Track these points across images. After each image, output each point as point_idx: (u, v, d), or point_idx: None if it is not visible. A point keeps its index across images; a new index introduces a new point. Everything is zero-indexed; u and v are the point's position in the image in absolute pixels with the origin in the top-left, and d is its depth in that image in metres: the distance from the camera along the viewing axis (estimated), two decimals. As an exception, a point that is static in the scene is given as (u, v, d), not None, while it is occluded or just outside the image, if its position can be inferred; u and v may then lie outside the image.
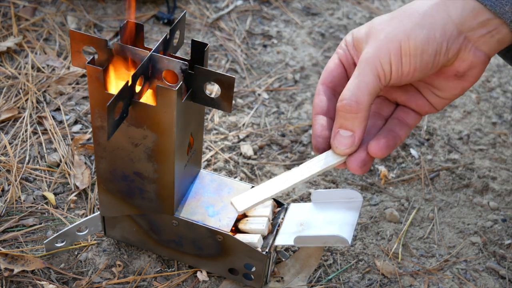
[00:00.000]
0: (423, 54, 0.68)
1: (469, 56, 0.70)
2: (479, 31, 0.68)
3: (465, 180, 1.05)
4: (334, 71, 0.75)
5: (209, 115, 1.12)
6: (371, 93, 0.68)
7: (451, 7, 0.68)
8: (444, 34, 0.68)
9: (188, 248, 0.85)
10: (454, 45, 0.68)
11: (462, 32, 0.68)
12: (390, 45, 0.68)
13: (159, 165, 0.75)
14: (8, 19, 1.25)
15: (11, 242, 0.89)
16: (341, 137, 0.70)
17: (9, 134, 1.04)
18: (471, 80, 0.73)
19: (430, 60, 0.68)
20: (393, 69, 0.68)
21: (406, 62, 0.68)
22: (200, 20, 1.31)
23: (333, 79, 0.75)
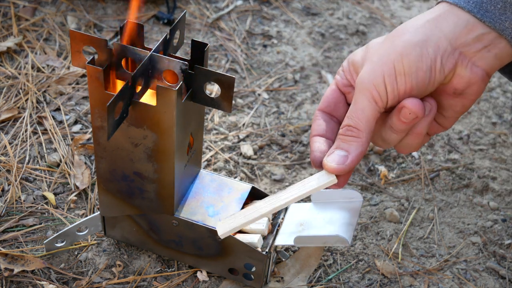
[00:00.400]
0: (418, 71, 0.67)
1: (466, 73, 0.68)
2: (474, 46, 0.67)
3: (465, 180, 1.05)
4: (330, 96, 0.76)
5: (209, 115, 1.12)
6: (369, 119, 0.69)
7: (443, 23, 0.67)
8: (437, 50, 0.67)
9: (188, 248, 0.85)
10: (449, 60, 0.67)
11: (457, 48, 0.67)
12: (383, 67, 0.67)
13: (159, 165, 0.75)
14: (8, 19, 1.25)
15: (11, 242, 0.89)
16: (334, 155, 0.70)
17: (9, 134, 1.04)
18: (471, 98, 0.71)
19: (426, 77, 0.67)
20: (388, 91, 0.68)
21: (402, 81, 0.67)
22: (200, 20, 1.31)
23: (329, 104, 0.76)
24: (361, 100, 0.68)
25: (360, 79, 0.69)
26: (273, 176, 1.02)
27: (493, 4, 0.66)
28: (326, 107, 0.76)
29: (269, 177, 1.02)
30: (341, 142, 0.70)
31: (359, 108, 0.69)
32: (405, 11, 1.42)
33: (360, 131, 0.69)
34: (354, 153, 0.69)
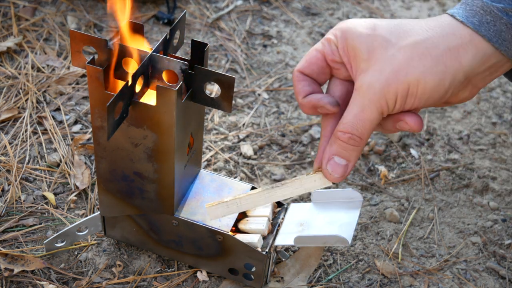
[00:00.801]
0: (429, 98, 0.68)
1: (465, 94, 0.70)
2: (483, 74, 0.69)
3: (465, 180, 1.05)
4: (314, 63, 0.73)
5: (209, 115, 1.12)
6: (373, 128, 0.69)
7: (463, 55, 0.67)
8: (452, 82, 0.67)
9: (188, 248, 0.85)
10: (457, 88, 0.68)
11: (468, 78, 0.68)
12: (398, 85, 0.67)
13: (159, 165, 0.75)
14: (8, 19, 1.25)
15: (11, 242, 0.89)
16: (336, 165, 0.70)
17: (9, 134, 1.04)
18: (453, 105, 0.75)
19: (433, 102, 0.69)
20: (396, 106, 0.68)
21: (410, 101, 0.68)
22: (200, 20, 1.31)
23: (312, 71, 0.73)
24: (370, 110, 0.68)
25: (371, 87, 0.67)
26: (273, 176, 1.02)
27: (510, 33, 0.67)
28: (310, 73, 0.74)
29: (269, 177, 1.02)
30: (341, 149, 0.70)
31: (367, 119, 0.68)
32: (405, 11, 1.42)
33: (362, 140, 0.69)
34: (353, 161, 0.70)
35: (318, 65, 0.73)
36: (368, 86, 0.67)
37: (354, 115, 0.68)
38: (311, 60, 0.73)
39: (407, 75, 0.66)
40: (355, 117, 0.68)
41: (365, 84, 0.68)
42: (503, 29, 0.66)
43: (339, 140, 0.69)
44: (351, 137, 0.69)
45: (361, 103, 0.68)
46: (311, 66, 0.73)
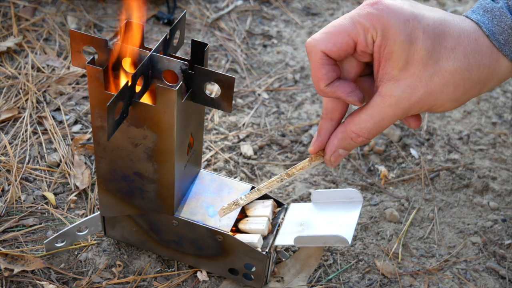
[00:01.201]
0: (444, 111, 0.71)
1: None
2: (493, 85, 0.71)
3: (465, 180, 1.05)
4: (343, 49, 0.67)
5: (209, 115, 1.12)
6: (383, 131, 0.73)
7: (489, 84, 0.69)
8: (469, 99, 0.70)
9: (188, 248, 0.85)
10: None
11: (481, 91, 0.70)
12: (425, 105, 0.68)
13: (159, 165, 0.75)
14: (8, 19, 1.25)
15: (11, 242, 0.89)
16: (339, 156, 0.73)
17: (9, 134, 1.04)
18: None
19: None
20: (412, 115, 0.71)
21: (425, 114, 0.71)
22: (200, 20, 1.31)
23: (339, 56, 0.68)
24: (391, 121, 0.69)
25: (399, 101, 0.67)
26: (273, 176, 1.02)
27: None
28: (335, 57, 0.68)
29: (269, 177, 1.02)
30: (348, 145, 0.72)
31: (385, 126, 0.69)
32: (405, 11, 1.42)
33: (370, 140, 0.71)
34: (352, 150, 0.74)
35: (347, 52, 0.67)
36: (398, 100, 0.67)
37: (374, 122, 0.68)
38: (341, 46, 0.67)
39: (436, 99, 0.68)
40: (375, 124, 0.69)
41: (395, 96, 0.67)
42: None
43: (350, 139, 0.71)
44: (364, 140, 0.71)
45: (385, 113, 0.68)
46: (340, 52, 0.67)
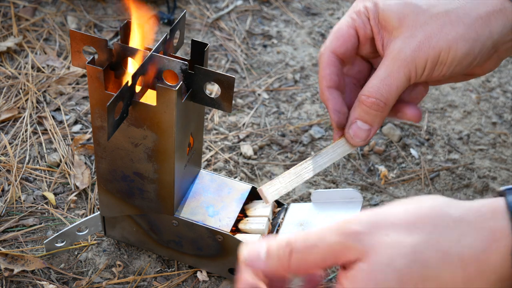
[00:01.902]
0: (458, 65, 0.67)
1: (490, 65, 0.70)
2: (508, 44, 0.68)
3: (465, 180, 1.05)
4: (349, 42, 0.71)
5: (209, 115, 1.12)
6: (399, 93, 0.68)
7: (493, 23, 0.67)
8: (482, 49, 0.67)
9: (188, 248, 0.85)
10: (484, 57, 0.68)
11: (495, 46, 0.68)
12: (430, 51, 0.66)
13: (159, 165, 0.75)
14: (8, 19, 1.25)
15: (11, 242, 0.89)
16: (359, 129, 0.69)
17: (9, 134, 1.04)
18: (480, 76, 0.74)
19: (461, 71, 0.68)
20: (424, 73, 0.67)
21: (439, 69, 0.67)
22: (200, 20, 1.31)
23: (346, 50, 0.71)
24: (399, 75, 0.66)
25: (401, 52, 0.66)
26: (273, 176, 1.02)
27: None
28: (342, 53, 0.71)
29: (269, 177, 1.02)
30: (364, 113, 0.68)
31: (394, 84, 0.66)
32: (405, 11, 1.42)
33: (387, 105, 0.68)
34: (376, 126, 0.69)
35: (352, 43, 0.70)
36: (399, 51, 0.66)
37: (380, 79, 0.67)
38: (344, 38, 0.70)
39: (439, 41, 0.65)
40: (381, 82, 0.67)
41: (395, 49, 0.66)
42: None
43: (362, 104, 0.68)
44: (375, 101, 0.67)
45: (389, 68, 0.67)
46: (346, 44, 0.70)
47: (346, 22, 0.70)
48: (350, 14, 0.70)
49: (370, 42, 0.71)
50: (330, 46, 0.70)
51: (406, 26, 0.67)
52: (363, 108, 0.68)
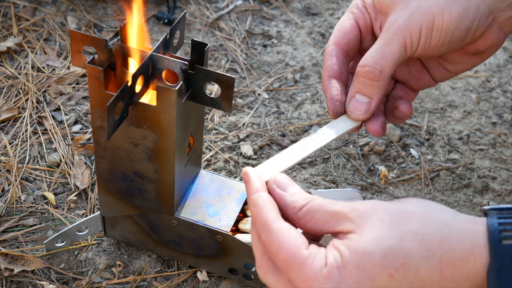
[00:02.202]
0: (455, 30, 0.66)
1: (492, 36, 0.69)
2: (507, 12, 0.68)
3: (465, 180, 1.05)
4: (350, 32, 0.72)
5: (209, 115, 1.12)
6: (395, 63, 0.67)
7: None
8: (477, 13, 0.66)
9: (188, 248, 0.85)
10: (483, 24, 0.67)
11: (492, 13, 0.67)
12: (423, 17, 0.66)
13: (159, 165, 0.75)
14: (8, 19, 1.25)
15: (11, 242, 0.89)
16: (358, 102, 0.69)
17: (9, 134, 1.04)
18: (485, 58, 0.72)
19: (460, 37, 0.67)
20: (421, 42, 0.67)
21: (436, 36, 0.66)
22: (200, 20, 1.31)
23: (349, 41, 0.72)
24: (393, 43, 0.66)
25: (396, 21, 0.66)
26: (273, 176, 1.02)
27: None
28: (345, 44, 0.72)
29: (269, 177, 1.02)
30: (362, 85, 0.68)
31: (388, 51, 0.66)
32: (405, 11, 1.42)
33: (383, 74, 0.67)
34: (376, 98, 0.68)
35: (353, 34, 0.71)
36: (393, 22, 0.66)
37: (375, 49, 0.67)
38: (346, 30, 0.72)
39: (431, 7, 0.65)
40: (376, 51, 0.67)
41: (389, 22, 0.67)
42: None
43: (359, 76, 0.68)
44: (369, 70, 0.67)
45: (384, 38, 0.67)
46: (348, 35, 0.71)
47: (347, 16, 0.72)
48: (350, 9, 0.72)
49: (371, 32, 0.72)
50: (333, 39, 0.72)
51: (400, 2, 0.67)
52: (359, 79, 0.68)
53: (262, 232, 0.57)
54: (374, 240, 0.53)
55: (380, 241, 0.53)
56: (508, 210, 0.54)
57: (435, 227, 0.54)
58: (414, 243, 0.53)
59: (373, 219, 0.55)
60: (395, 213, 0.55)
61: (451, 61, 0.74)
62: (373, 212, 0.55)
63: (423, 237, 0.53)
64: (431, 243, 0.53)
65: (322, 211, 0.57)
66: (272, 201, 0.59)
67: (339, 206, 0.57)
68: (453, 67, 0.74)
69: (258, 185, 0.60)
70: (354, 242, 0.54)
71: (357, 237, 0.54)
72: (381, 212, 0.55)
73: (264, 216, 0.57)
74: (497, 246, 0.52)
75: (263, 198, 0.59)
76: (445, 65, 0.74)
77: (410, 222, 0.54)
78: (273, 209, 0.58)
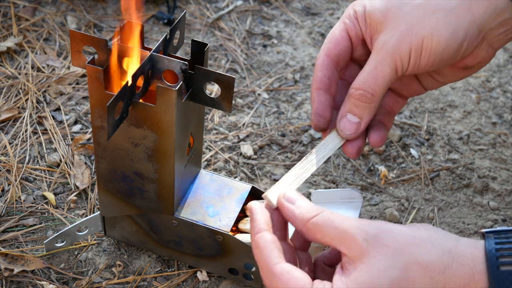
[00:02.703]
0: (444, 52, 0.67)
1: (481, 53, 0.70)
2: (497, 30, 0.69)
3: (465, 180, 1.05)
4: (341, 43, 0.73)
5: (209, 115, 1.12)
6: (387, 85, 0.69)
7: (475, 7, 0.67)
8: (466, 34, 0.67)
9: (188, 248, 0.85)
10: (472, 44, 0.69)
11: (482, 32, 0.68)
12: (412, 39, 0.67)
13: (159, 165, 0.75)
14: (8, 19, 1.25)
15: (11, 242, 0.89)
16: (348, 122, 0.70)
17: (9, 134, 1.04)
18: (475, 71, 0.74)
19: (449, 57, 0.68)
20: (411, 63, 0.68)
21: (425, 57, 0.68)
22: (200, 20, 1.31)
23: (339, 52, 0.73)
24: (384, 66, 0.68)
25: (386, 44, 0.68)
26: (273, 176, 1.02)
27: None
28: (335, 55, 0.73)
29: (269, 177, 1.02)
30: (354, 106, 0.70)
31: (379, 75, 0.68)
32: (405, 11, 1.42)
33: (375, 96, 0.69)
34: (366, 119, 0.70)
35: (344, 45, 0.72)
36: (383, 44, 0.68)
37: (367, 72, 0.68)
38: (337, 41, 0.72)
39: (421, 29, 0.66)
40: (368, 74, 0.68)
41: (380, 43, 0.68)
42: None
43: (351, 97, 0.69)
44: (362, 93, 0.69)
45: (375, 60, 0.68)
46: (339, 46, 0.72)
47: (339, 26, 0.73)
48: (342, 19, 0.73)
49: (362, 43, 0.73)
50: (324, 49, 0.73)
51: (389, 19, 0.68)
52: (352, 101, 0.69)
53: (266, 277, 0.59)
54: (380, 271, 0.55)
55: (387, 272, 0.55)
56: (505, 233, 0.56)
57: (439, 255, 0.56)
58: (419, 272, 0.55)
59: (380, 244, 0.56)
60: (401, 239, 0.56)
61: (441, 73, 0.75)
62: (380, 236, 0.57)
63: (428, 265, 0.55)
64: (434, 272, 0.55)
65: (331, 226, 0.58)
66: (275, 241, 0.60)
67: (348, 225, 0.58)
68: (442, 79, 0.76)
69: (261, 224, 0.61)
70: (362, 273, 0.55)
71: (364, 268, 0.56)
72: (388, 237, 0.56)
73: (266, 259, 0.59)
74: (495, 272, 0.54)
75: (265, 240, 0.60)
76: (435, 76, 0.76)
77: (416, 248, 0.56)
78: (274, 250, 0.59)
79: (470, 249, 0.56)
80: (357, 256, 0.56)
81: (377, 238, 0.57)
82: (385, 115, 0.76)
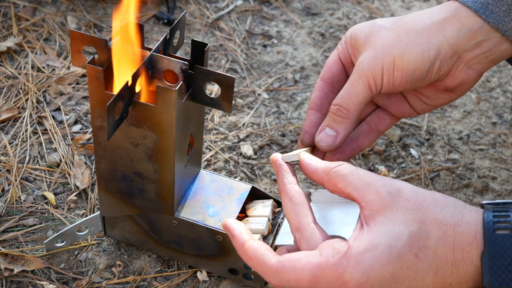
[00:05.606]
0: (416, 71, 0.71)
1: (460, 75, 0.73)
2: (474, 52, 0.71)
3: (465, 180, 1.05)
4: (333, 67, 0.79)
5: (209, 115, 1.12)
6: (361, 103, 0.73)
7: (447, 28, 0.70)
8: (438, 54, 0.70)
9: (188, 248, 0.85)
10: (446, 64, 0.71)
11: (456, 53, 0.71)
12: (384, 59, 0.71)
13: (159, 165, 0.75)
14: (8, 19, 1.25)
15: (11, 242, 0.89)
16: (326, 135, 0.76)
17: (9, 134, 1.04)
18: (460, 94, 0.77)
19: (422, 76, 0.72)
20: (384, 81, 0.72)
21: (398, 76, 0.71)
22: (200, 20, 1.31)
23: (332, 75, 0.79)
24: (357, 84, 0.72)
25: (361, 64, 0.72)
26: (273, 176, 1.02)
27: (498, 6, 0.69)
28: (328, 78, 0.79)
29: (269, 177, 1.02)
30: (332, 121, 0.75)
31: (353, 92, 0.73)
32: (405, 11, 1.42)
33: (350, 112, 0.73)
34: (342, 134, 0.75)
35: (336, 68, 0.79)
36: (359, 63, 0.72)
37: (344, 90, 0.74)
38: (330, 66, 0.79)
39: (393, 49, 0.70)
40: (344, 91, 0.74)
41: (358, 63, 0.73)
42: (490, 1, 0.68)
43: (330, 112, 0.75)
44: (339, 109, 0.74)
45: (351, 78, 0.73)
46: (331, 70, 0.79)
47: (334, 51, 0.80)
48: (338, 44, 0.80)
49: (353, 65, 0.77)
50: (321, 73, 0.80)
51: (368, 42, 0.73)
52: (330, 115, 0.75)
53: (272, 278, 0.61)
54: (401, 224, 0.59)
55: (407, 224, 0.59)
56: (502, 205, 0.61)
57: (451, 212, 0.60)
58: (433, 226, 0.59)
59: (402, 198, 0.61)
60: (421, 196, 0.61)
61: (426, 96, 0.79)
62: (403, 191, 0.61)
63: (442, 221, 0.60)
64: (446, 227, 0.59)
65: (355, 176, 0.63)
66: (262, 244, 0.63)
67: (372, 178, 0.62)
68: (429, 101, 0.79)
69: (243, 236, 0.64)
70: (383, 226, 0.60)
71: (385, 220, 0.60)
72: (410, 193, 0.61)
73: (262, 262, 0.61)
74: (492, 235, 0.58)
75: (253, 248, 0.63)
76: (422, 98, 0.79)
77: (432, 206, 0.61)
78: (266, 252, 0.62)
79: (474, 214, 0.61)
80: (378, 209, 0.61)
81: (400, 193, 0.61)
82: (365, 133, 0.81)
